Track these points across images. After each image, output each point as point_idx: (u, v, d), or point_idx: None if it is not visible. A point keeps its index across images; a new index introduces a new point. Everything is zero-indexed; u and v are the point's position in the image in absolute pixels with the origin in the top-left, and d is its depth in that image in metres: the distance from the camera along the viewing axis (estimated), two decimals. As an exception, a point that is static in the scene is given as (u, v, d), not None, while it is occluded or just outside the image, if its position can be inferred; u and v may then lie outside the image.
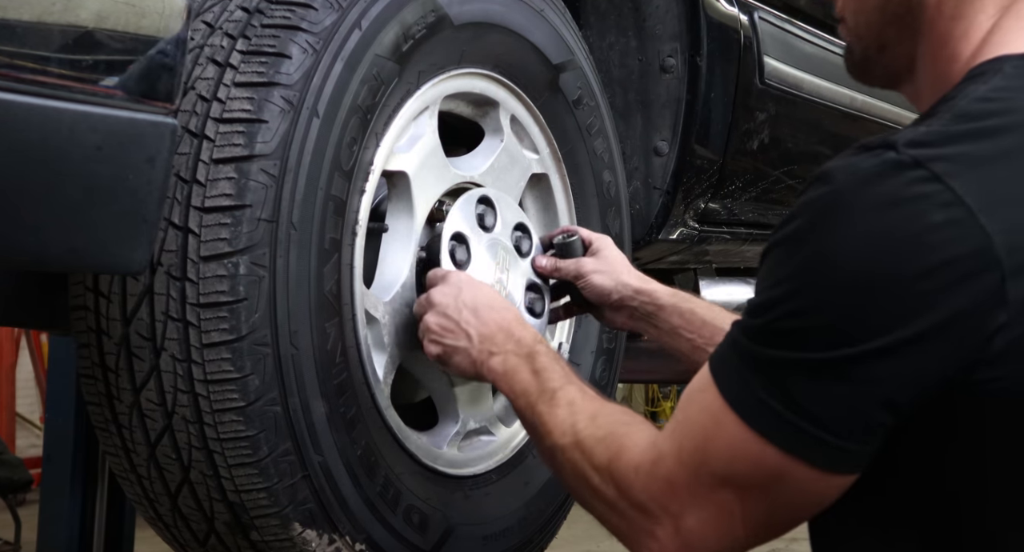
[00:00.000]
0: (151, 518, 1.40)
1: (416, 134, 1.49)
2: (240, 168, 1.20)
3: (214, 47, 1.25)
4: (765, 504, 0.99)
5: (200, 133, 1.21)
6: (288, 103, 1.23)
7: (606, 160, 1.85)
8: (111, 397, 1.29)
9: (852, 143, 1.01)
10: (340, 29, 1.29)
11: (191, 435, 1.25)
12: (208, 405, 1.22)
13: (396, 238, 1.49)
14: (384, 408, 1.42)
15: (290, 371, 1.24)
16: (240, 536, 1.31)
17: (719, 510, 1.01)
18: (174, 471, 1.29)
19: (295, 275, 1.24)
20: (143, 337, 1.23)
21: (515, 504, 1.66)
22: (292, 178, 1.23)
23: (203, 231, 1.19)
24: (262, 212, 1.20)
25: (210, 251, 1.19)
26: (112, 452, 1.35)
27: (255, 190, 1.20)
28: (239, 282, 1.19)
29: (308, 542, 1.30)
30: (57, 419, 2.61)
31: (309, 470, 1.28)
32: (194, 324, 1.20)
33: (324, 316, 1.29)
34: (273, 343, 1.22)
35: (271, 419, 1.23)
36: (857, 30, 1.15)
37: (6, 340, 6.07)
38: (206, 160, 1.20)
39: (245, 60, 1.24)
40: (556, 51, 1.72)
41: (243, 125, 1.21)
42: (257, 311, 1.20)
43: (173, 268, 1.20)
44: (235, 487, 1.26)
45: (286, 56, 1.24)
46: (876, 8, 1.12)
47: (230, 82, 1.23)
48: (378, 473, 1.38)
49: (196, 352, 1.21)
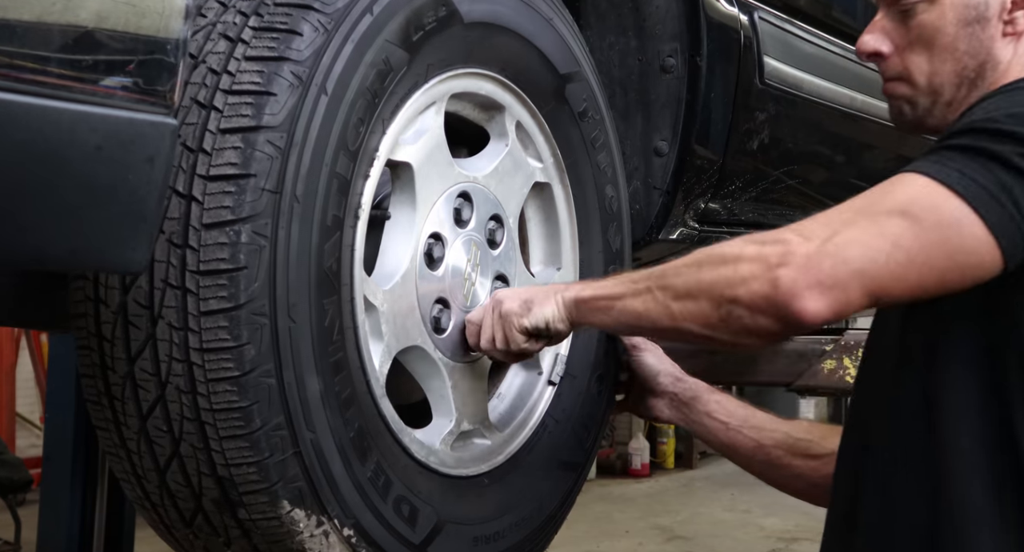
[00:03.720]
0: (137, 497, 1.39)
1: (422, 128, 1.51)
2: (246, 138, 1.21)
3: (227, 23, 1.27)
4: (925, 238, 1.12)
5: (208, 104, 1.22)
6: (297, 78, 1.24)
7: (609, 175, 1.86)
8: (105, 368, 1.29)
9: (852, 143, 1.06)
10: (352, 12, 1.31)
11: (184, 406, 1.24)
12: (203, 374, 1.22)
13: (398, 229, 1.50)
14: (379, 396, 1.42)
15: (287, 343, 1.24)
16: (228, 514, 1.31)
17: (878, 230, 1.13)
18: (164, 444, 1.29)
19: (296, 248, 1.24)
20: (141, 305, 1.23)
21: (507, 509, 1.65)
22: (298, 151, 1.24)
23: (206, 199, 1.20)
24: (266, 182, 1.21)
25: (212, 218, 1.20)
26: (103, 426, 1.35)
27: (260, 160, 1.21)
28: (240, 250, 1.20)
29: (296, 522, 1.29)
30: (57, 419, 2.61)
31: (300, 447, 1.27)
32: (193, 291, 1.20)
33: (323, 292, 1.29)
34: (271, 314, 1.22)
35: (265, 391, 1.23)
36: (931, 89, 1.36)
37: (6, 340, 6.07)
38: (213, 130, 1.21)
39: (257, 35, 1.25)
40: (563, 61, 1.74)
41: (252, 97, 1.22)
42: (256, 280, 1.20)
43: (175, 235, 1.21)
44: (225, 461, 1.25)
45: (297, 33, 1.25)
46: (953, 72, 1.34)
47: (241, 56, 1.24)
48: (370, 458, 1.38)
49: (193, 320, 1.21)
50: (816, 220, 1.19)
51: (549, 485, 1.75)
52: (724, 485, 6.99)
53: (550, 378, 1.79)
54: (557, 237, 1.81)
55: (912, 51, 1.36)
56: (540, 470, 1.74)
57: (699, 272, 1.25)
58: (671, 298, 1.28)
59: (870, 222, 1.14)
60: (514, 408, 1.76)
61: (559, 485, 1.78)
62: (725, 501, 6.65)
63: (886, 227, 1.13)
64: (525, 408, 1.76)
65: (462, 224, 1.59)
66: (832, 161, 2.49)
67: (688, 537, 5.82)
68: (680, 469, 7.89)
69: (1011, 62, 1.33)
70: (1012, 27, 1.33)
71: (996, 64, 1.33)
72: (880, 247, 1.13)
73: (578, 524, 1.51)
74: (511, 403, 1.77)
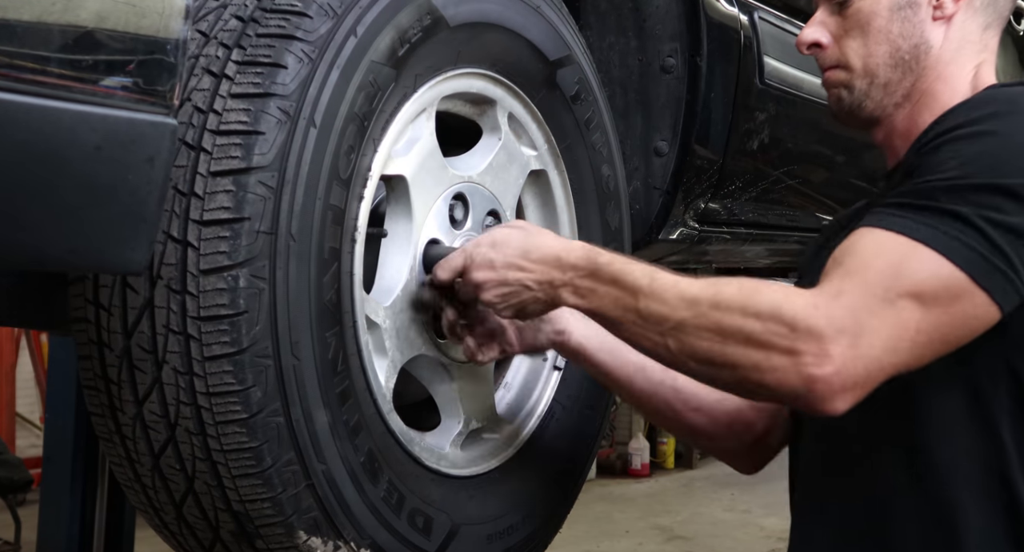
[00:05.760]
0: (156, 525, 1.40)
1: (414, 137, 1.49)
2: (238, 181, 1.19)
3: (209, 57, 1.25)
4: (938, 319, 1.19)
5: (197, 145, 1.21)
6: (284, 114, 1.22)
7: (604, 154, 1.84)
8: (114, 408, 1.29)
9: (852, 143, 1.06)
10: (336, 37, 1.28)
11: (194, 446, 1.25)
12: (211, 417, 1.22)
13: (395, 242, 1.49)
14: (386, 412, 1.42)
15: (292, 382, 1.24)
16: (246, 545, 1.32)
17: (899, 324, 1.18)
18: (178, 481, 1.29)
19: (295, 286, 1.23)
20: (144, 350, 1.23)
21: (519, 501, 1.66)
22: (290, 189, 1.22)
23: (202, 244, 1.19)
24: (261, 224, 1.20)
25: (210, 264, 1.19)
26: (116, 462, 1.35)
27: (253, 202, 1.19)
28: (239, 295, 1.19)
29: (313, 549, 1.30)
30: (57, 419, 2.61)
31: (313, 479, 1.28)
32: (195, 337, 1.20)
33: (325, 325, 1.29)
34: (274, 355, 1.21)
35: (274, 430, 1.23)
36: (866, 71, 1.43)
37: (6, 340, 6.07)
38: (204, 173, 1.20)
39: (241, 71, 1.23)
40: (553, 47, 1.71)
41: (240, 137, 1.20)
42: (258, 324, 1.20)
43: (173, 281, 1.20)
44: (239, 497, 1.26)
45: (282, 66, 1.23)
46: (887, 54, 1.42)
47: (226, 93, 1.22)
48: (381, 479, 1.39)
49: (198, 365, 1.20)
50: (839, 301, 1.19)
51: (558, 472, 1.76)
52: (724, 485, 6.99)
53: (556, 363, 1.79)
54: (555, 221, 1.80)
55: (849, 37, 1.44)
56: (549, 457, 1.74)
57: (723, 345, 1.23)
58: (689, 357, 1.26)
59: (887, 308, 1.18)
60: (521, 397, 1.77)
61: (568, 471, 1.78)
62: (725, 501, 6.65)
63: (903, 314, 1.18)
64: (532, 396, 1.77)
65: (459, 225, 1.58)
66: (832, 161, 2.49)
67: (688, 537, 5.82)
68: (680, 469, 7.88)
69: (942, 46, 1.42)
70: (941, 11, 1.41)
71: (928, 47, 1.41)
72: (902, 336, 1.19)
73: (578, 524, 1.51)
74: (518, 392, 1.77)
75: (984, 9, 1.44)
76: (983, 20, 1.44)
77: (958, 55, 1.42)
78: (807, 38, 1.48)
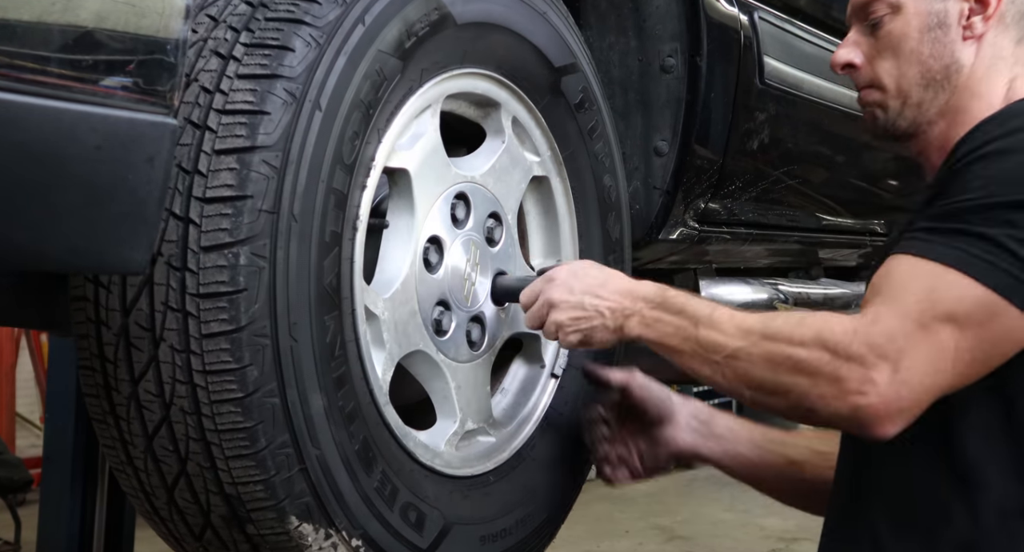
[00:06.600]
0: (147, 512, 1.39)
1: (418, 132, 1.50)
2: (242, 159, 1.20)
3: (218, 40, 1.26)
4: (976, 339, 1.22)
5: (203, 124, 1.21)
6: (291, 95, 1.23)
7: (607, 164, 1.85)
8: (109, 388, 1.29)
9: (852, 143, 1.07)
10: (344, 24, 1.30)
11: (189, 426, 1.24)
12: (206, 396, 1.22)
13: (397, 235, 1.49)
14: (382, 404, 1.42)
15: (289, 363, 1.24)
16: (236, 530, 1.31)
17: (937, 346, 1.22)
18: (171, 463, 1.29)
19: (295, 267, 1.24)
20: (142, 327, 1.23)
21: (513, 505, 1.66)
22: (294, 170, 1.23)
23: (204, 221, 1.20)
24: (263, 203, 1.20)
25: (211, 241, 1.19)
26: (109, 444, 1.35)
27: (256, 181, 1.20)
28: (239, 272, 1.19)
29: (304, 536, 1.30)
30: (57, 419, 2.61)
31: (306, 463, 1.27)
32: (194, 314, 1.20)
33: (323, 309, 1.29)
34: (272, 334, 1.22)
35: (269, 411, 1.23)
36: (899, 91, 1.47)
37: (6, 340, 6.07)
38: (208, 151, 1.20)
39: (248, 52, 1.24)
40: (559, 54, 1.72)
41: (245, 116, 1.21)
42: (257, 302, 1.20)
43: (173, 258, 1.20)
44: (232, 479, 1.26)
45: (289, 49, 1.24)
46: (919, 74, 1.45)
47: (233, 74, 1.23)
48: (375, 468, 1.38)
49: (195, 342, 1.20)
50: (877, 327, 1.23)
51: (553, 479, 1.75)
52: (724, 485, 6.98)
53: (553, 371, 1.79)
54: (556, 229, 1.80)
55: (881, 58, 1.48)
56: (545, 464, 1.74)
57: (775, 373, 1.28)
58: (744, 385, 1.32)
59: (924, 332, 1.22)
60: (517, 403, 1.77)
61: (563, 478, 1.78)
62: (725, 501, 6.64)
63: (941, 337, 1.22)
64: (529, 402, 1.77)
65: (460, 225, 1.58)
66: (832, 161, 2.49)
67: (688, 537, 5.82)
68: (680, 469, 7.89)
69: (974, 64, 1.44)
70: (971, 31, 1.44)
71: (960, 66, 1.44)
72: (943, 358, 1.22)
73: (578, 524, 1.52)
74: (514, 398, 1.77)
75: (1016, 23, 1.45)
76: (1015, 34, 1.45)
77: (991, 72, 1.44)
78: (841, 59, 1.52)
